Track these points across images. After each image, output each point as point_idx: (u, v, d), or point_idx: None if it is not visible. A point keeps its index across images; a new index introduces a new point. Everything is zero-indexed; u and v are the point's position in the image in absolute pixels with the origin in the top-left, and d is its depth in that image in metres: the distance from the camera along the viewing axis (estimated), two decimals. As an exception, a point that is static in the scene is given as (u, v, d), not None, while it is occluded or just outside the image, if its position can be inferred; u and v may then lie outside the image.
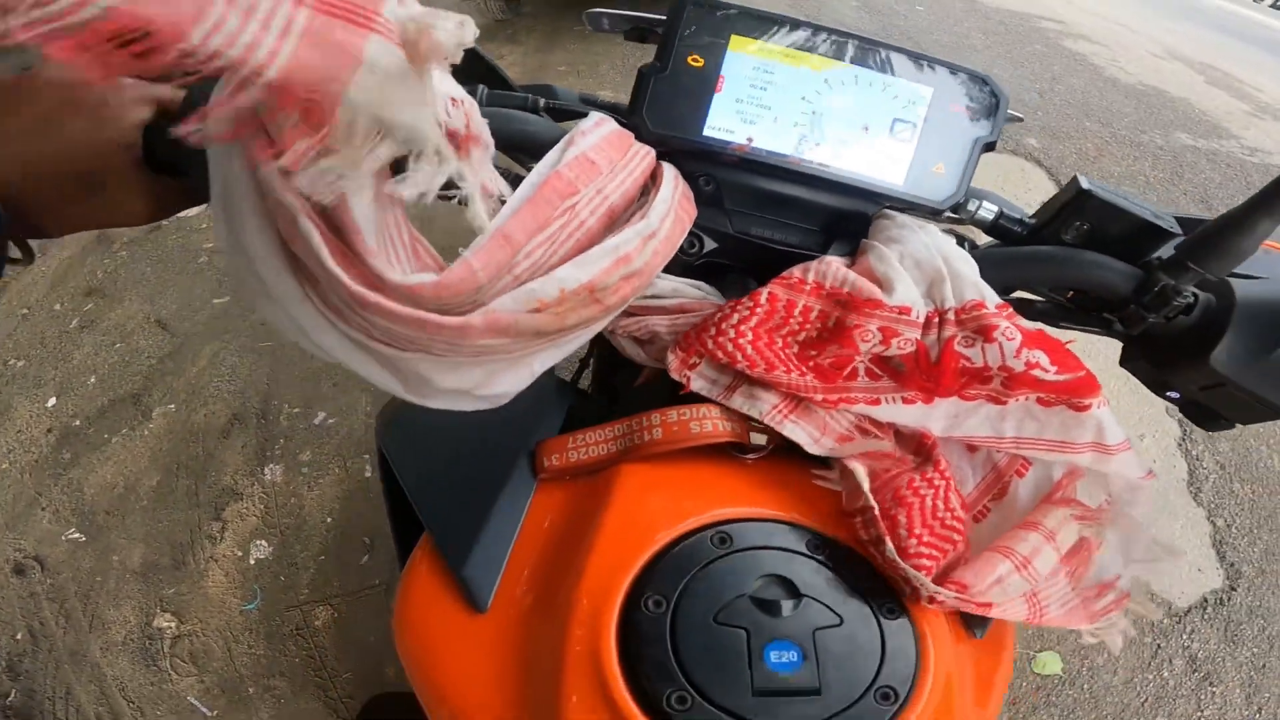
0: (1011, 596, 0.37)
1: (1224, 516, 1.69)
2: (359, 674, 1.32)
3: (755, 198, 0.47)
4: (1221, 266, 0.39)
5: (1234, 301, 0.40)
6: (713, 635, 0.32)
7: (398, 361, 0.33)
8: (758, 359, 0.39)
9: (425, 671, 0.36)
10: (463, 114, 0.30)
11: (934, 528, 0.37)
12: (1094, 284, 0.44)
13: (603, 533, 0.36)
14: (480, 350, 0.33)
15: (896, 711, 0.31)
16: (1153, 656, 1.42)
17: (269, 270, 0.30)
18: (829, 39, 0.43)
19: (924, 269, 0.39)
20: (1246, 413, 0.42)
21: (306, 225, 0.28)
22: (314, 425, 1.71)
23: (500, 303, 0.31)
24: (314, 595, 1.42)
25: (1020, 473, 0.42)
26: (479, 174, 0.31)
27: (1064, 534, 0.38)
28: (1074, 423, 0.38)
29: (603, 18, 0.53)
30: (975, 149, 0.45)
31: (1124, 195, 0.45)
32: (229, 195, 0.30)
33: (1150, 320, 0.42)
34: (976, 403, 0.39)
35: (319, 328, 0.32)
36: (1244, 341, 0.39)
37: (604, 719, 0.30)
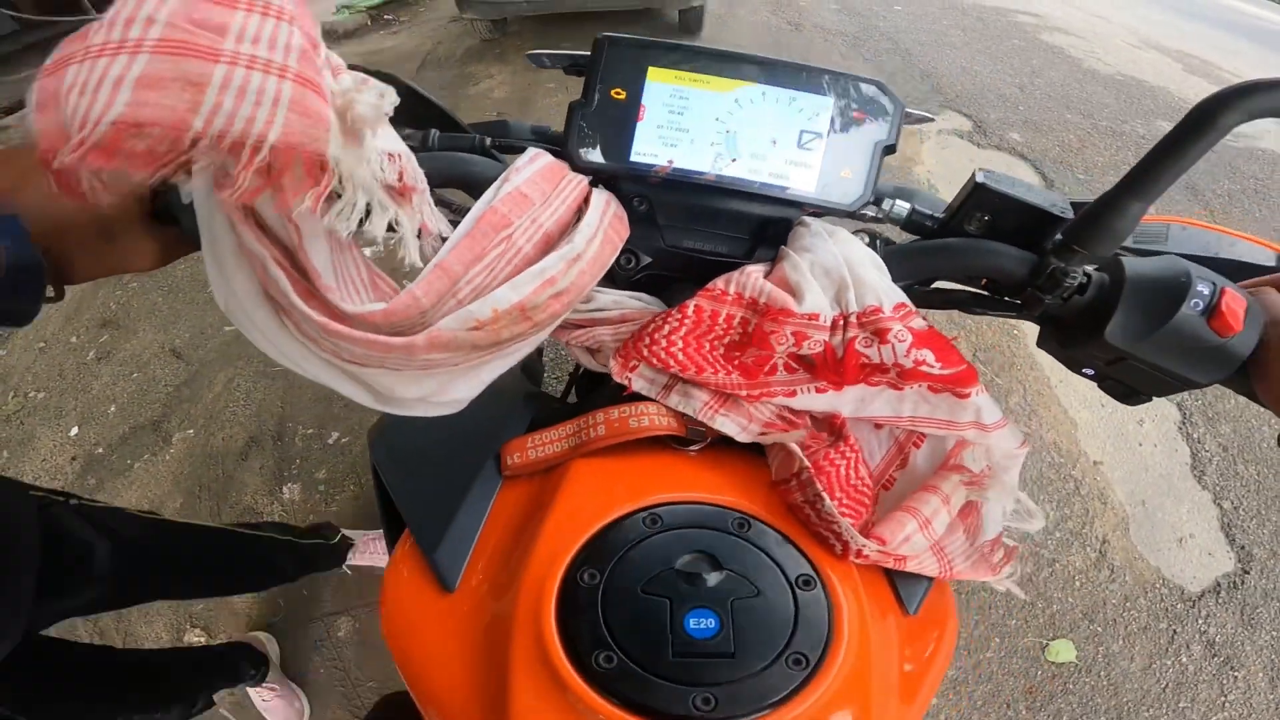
0: (918, 552, 0.41)
1: (1230, 499, 1.69)
2: (382, 683, 1.34)
3: (684, 213, 0.50)
4: (1103, 246, 0.41)
5: (1124, 278, 0.42)
6: (639, 604, 0.35)
7: (364, 376, 0.38)
8: (688, 363, 0.43)
9: (403, 645, 0.41)
10: (398, 167, 0.34)
11: (850, 492, 0.42)
12: (992, 271, 0.46)
13: (550, 519, 0.40)
14: (428, 363, 0.38)
15: (808, 676, 0.33)
16: (1169, 642, 1.42)
17: (252, 307, 0.36)
18: (735, 62, 0.46)
19: (831, 276, 0.43)
20: (1156, 385, 0.44)
21: (275, 270, 0.34)
22: (328, 445, 1.75)
23: (443, 323, 0.36)
24: (336, 607, 1.44)
25: (917, 444, 0.46)
26: (415, 218, 0.35)
27: (956, 497, 0.43)
28: (958, 406, 0.42)
29: (543, 57, 0.57)
30: (877, 152, 0.47)
31: (1019, 185, 0.47)
32: (215, 245, 0.35)
33: (1047, 301, 0.44)
34: (879, 389, 0.43)
35: (298, 353, 0.37)
36: (1135, 316, 0.41)
37: (544, 679, 0.33)
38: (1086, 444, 1.81)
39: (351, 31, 5.29)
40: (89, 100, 0.25)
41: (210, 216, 0.35)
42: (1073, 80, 4.29)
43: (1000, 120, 3.53)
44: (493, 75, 4.06)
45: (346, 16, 5.46)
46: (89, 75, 0.25)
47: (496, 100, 3.72)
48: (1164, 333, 0.40)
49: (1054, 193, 0.47)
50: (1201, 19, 7.14)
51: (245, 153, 0.27)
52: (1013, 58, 4.62)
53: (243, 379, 1.93)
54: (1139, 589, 1.52)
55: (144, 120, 0.25)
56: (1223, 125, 0.34)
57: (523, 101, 3.63)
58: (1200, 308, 0.39)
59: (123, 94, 0.25)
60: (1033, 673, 1.37)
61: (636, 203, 0.49)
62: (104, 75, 0.25)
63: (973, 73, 4.21)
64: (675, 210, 0.50)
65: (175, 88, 0.25)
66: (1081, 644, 1.41)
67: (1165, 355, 0.41)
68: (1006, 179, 0.47)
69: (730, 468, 0.45)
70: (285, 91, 0.27)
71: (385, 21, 5.59)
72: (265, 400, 1.87)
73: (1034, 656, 1.39)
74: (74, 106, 0.25)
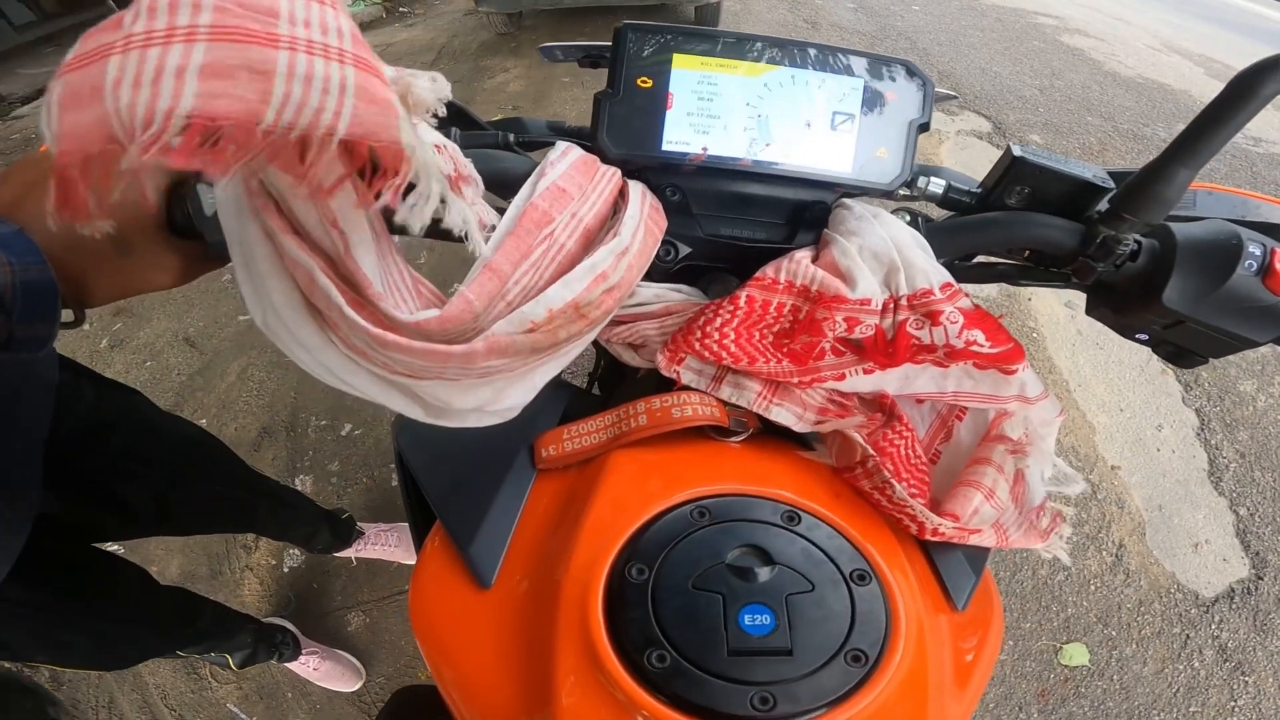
0: (985, 524, 0.41)
1: (1247, 506, 1.69)
2: (391, 677, 1.35)
3: (720, 201, 0.49)
4: (1152, 213, 0.41)
5: (1175, 244, 0.42)
6: (690, 599, 0.34)
7: (417, 390, 0.36)
8: (740, 354, 0.42)
9: (436, 645, 0.39)
10: (449, 158, 0.33)
11: (913, 471, 0.41)
12: (1040, 242, 0.46)
13: (593, 512, 0.39)
14: (486, 370, 0.36)
15: (867, 674, 0.33)
16: (1182, 647, 1.42)
17: (295, 322, 0.33)
18: (763, 46, 0.46)
19: (880, 260, 0.42)
20: (1213, 346, 0.44)
21: (324, 280, 0.31)
22: (340, 436, 1.75)
23: (498, 327, 0.35)
24: (346, 602, 1.45)
25: (959, 417, 0.47)
26: (473, 209, 0.34)
27: (1007, 467, 0.43)
28: (1003, 382, 0.43)
29: (555, 50, 0.56)
30: (912, 131, 0.48)
31: (1056, 158, 0.47)
32: (250, 259, 0.33)
33: (1100, 270, 0.45)
34: (923, 366, 0.43)
35: (346, 368, 0.35)
36: (1192, 279, 0.41)
37: (592, 678, 0.32)
38: (1104, 449, 1.79)
39: (367, 23, 5.32)
40: (149, 94, 0.22)
41: (242, 228, 0.33)
42: (1093, 83, 4.26)
43: (1020, 122, 3.50)
44: (508, 69, 4.05)
45: (362, 8, 5.49)
46: (140, 67, 0.22)
47: (512, 94, 3.72)
48: (1221, 294, 0.41)
49: (1090, 164, 0.47)
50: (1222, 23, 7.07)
51: (314, 146, 0.25)
52: (1033, 59, 4.59)
53: (256, 369, 1.93)
54: (1153, 594, 1.51)
55: (219, 113, 0.23)
56: (1264, 94, 0.35)
57: (539, 95, 3.63)
58: (1255, 268, 0.40)
59: (189, 84, 0.22)
60: (1045, 676, 1.37)
61: (670, 193, 0.48)
62: (161, 65, 0.22)
63: (992, 74, 4.18)
64: (710, 198, 0.49)
65: (244, 77, 0.23)
66: (1095, 647, 1.41)
67: (1223, 316, 0.42)
68: (1043, 152, 0.47)
69: (774, 458, 0.45)
70: (350, 77, 0.25)
71: (400, 14, 5.61)
72: (279, 391, 1.87)
73: (1047, 660, 1.39)
74: (129, 101, 0.22)
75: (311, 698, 1.33)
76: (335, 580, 1.48)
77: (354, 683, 1.32)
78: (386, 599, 1.45)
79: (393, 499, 1.61)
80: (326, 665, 1.31)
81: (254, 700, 1.34)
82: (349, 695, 1.32)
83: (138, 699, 1.34)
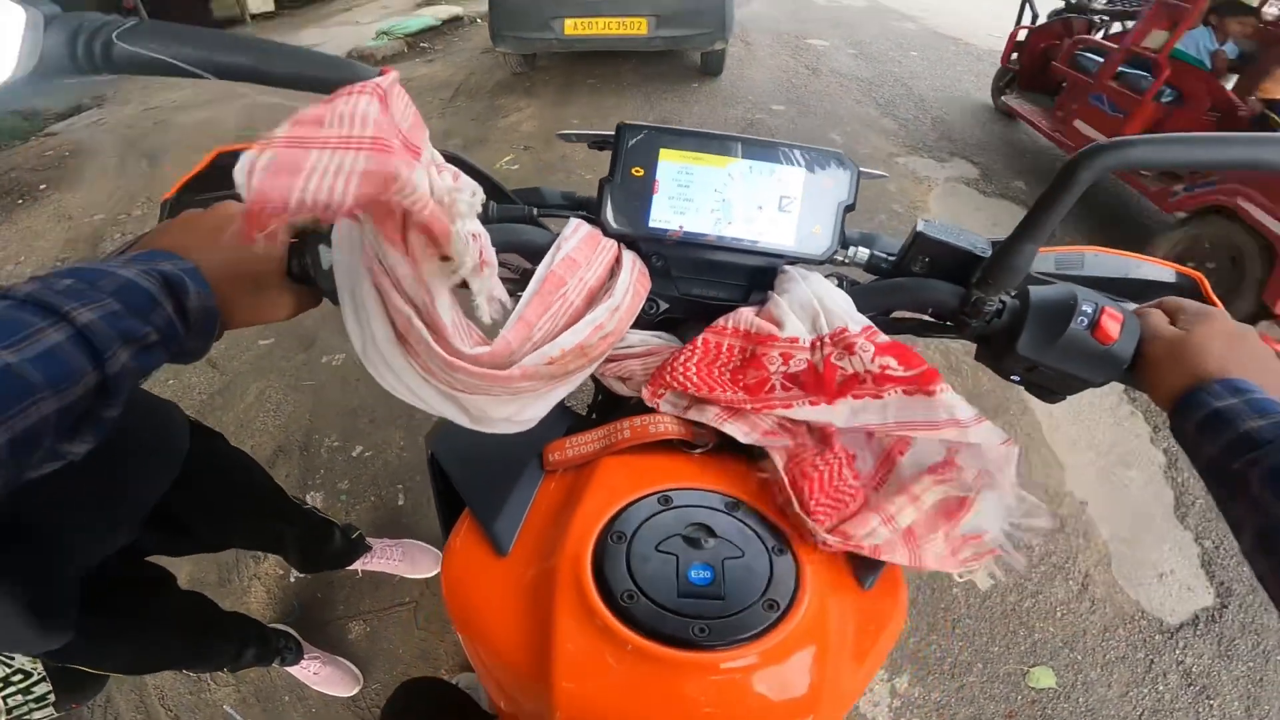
0: (881, 542, 0.49)
1: (1212, 539, 1.75)
2: (387, 685, 1.41)
3: (693, 266, 0.61)
4: (1008, 280, 0.51)
5: (1029, 304, 0.52)
6: (654, 559, 0.45)
7: (466, 402, 0.48)
8: (702, 385, 0.54)
9: (462, 600, 0.50)
10: (479, 246, 0.45)
11: (829, 493, 0.50)
12: (930, 302, 0.57)
13: (586, 499, 0.50)
14: (517, 390, 0.48)
15: (779, 618, 0.43)
16: (1146, 671, 1.47)
17: (389, 352, 0.45)
18: (727, 142, 0.57)
19: (806, 310, 0.54)
20: (1064, 385, 0.54)
21: (418, 323, 0.44)
22: (351, 457, 1.85)
23: (527, 360, 0.47)
24: (349, 611, 1.52)
25: (901, 452, 0.54)
26: (488, 286, 0.46)
27: (927, 496, 0.51)
28: (930, 405, 0.50)
29: (571, 135, 0.68)
30: (839, 211, 0.58)
31: (951, 231, 0.57)
32: (359, 305, 0.45)
33: (974, 324, 0.55)
34: (864, 401, 0.52)
35: (420, 385, 0.47)
36: (1039, 332, 0.51)
37: (582, 614, 0.43)
38: (1073, 485, 1.87)
39: (389, 57, 5.50)
40: (328, 185, 0.32)
41: (355, 282, 0.45)
42: None
43: (1007, 168, 3.60)
44: (521, 109, 4.20)
45: (385, 43, 5.68)
46: (327, 164, 0.32)
47: (524, 134, 3.85)
48: (1060, 344, 0.50)
49: (979, 236, 0.58)
50: None
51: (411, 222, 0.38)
52: (1024, 105, 4.72)
53: (274, 391, 2.04)
54: (1118, 620, 1.57)
55: (363, 201, 0.34)
56: (1082, 180, 0.44)
57: (548, 138, 3.78)
58: (1085, 323, 0.49)
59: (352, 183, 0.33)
60: (1013, 698, 1.43)
61: (655, 260, 0.60)
62: (339, 166, 0.33)
63: (983, 120, 4.31)
64: (685, 264, 0.61)
65: (378, 179, 0.34)
66: (1061, 671, 1.47)
67: (1065, 361, 0.51)
68: (943, 227, 0.58)
69: (725, 466, 0.56)
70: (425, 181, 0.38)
71: (421, 49, 5.81)
72: (294, 413, 1.98)
73: (1015, 682, 1.45)
74: (315, 186, 0.32)
75: (308, 702, 1.38)
76: (339, 591, 1.55)
77: (351, 688, 1.39)
78: (387, 610, 1.51)
79: (398, 517, 1.70)
80: (326, 670, 1.37)
81: (250, 703, 1.38)
82: (345, 700, 1.38)
83: (134, 698, 1.38)
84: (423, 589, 1.55)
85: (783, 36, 5.94)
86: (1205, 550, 1.73)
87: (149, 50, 0.36)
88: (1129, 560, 1.69)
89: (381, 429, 1.92)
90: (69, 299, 0.31)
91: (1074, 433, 2.03)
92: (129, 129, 4.17)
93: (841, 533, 0.49)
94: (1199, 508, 1.83)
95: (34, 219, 3.16)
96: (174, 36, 0.37)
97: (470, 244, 0.43)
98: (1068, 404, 2.04)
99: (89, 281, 0.33)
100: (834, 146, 2.60)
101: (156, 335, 0.35)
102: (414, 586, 1.55)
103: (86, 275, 0.33)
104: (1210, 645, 1.52)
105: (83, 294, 0.32)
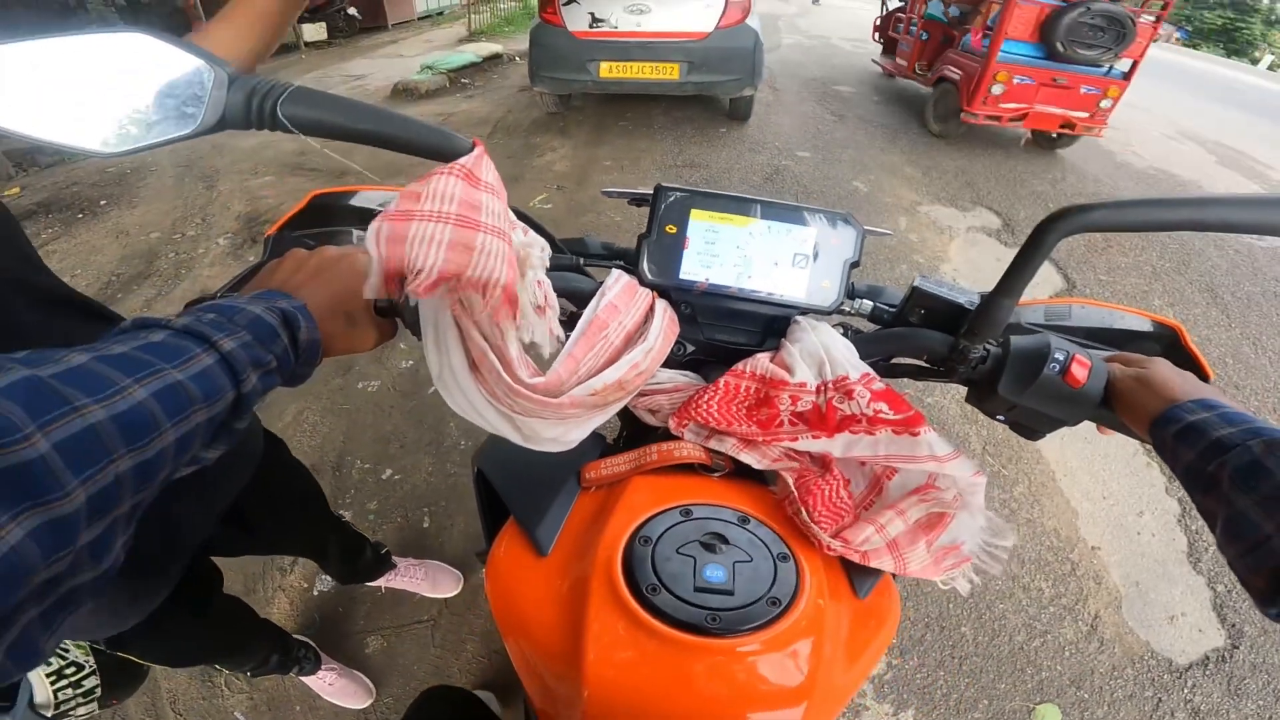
0: (873, 549, 0.56)
1: (1224, 583, 1.75)
2: (400, 699, 1.44)
3: (716, 314, 0.68)
4: (989, 331, 0.58)
5: (1010, 351, 0.58)
6: (675, 559, 0.52)
7: (521, 423, 0.54)
8: (722, 419, 0.61)
9: (504, 596, 0.56)
10: (542, 292, 0.53)
11: (830, 507, 0.58)
12: (923, 350, 0.63)
13: (618, 510, 0.56)
14: (564, 416, 0.55)
15: (780, 613, 0.49)
16: (1154, 709, 1.47)
17: (463, 378, 0.52)
18: (749, 205, 0.64)
19: (814, 358, 0.61)
20: (1042, 423, 0.60)
21: (491, 356, 0.50)
22: (381, 480, 1.91)
23: (575, 391, 0.54)
24: (368, 626, 1.55)
25: (889, 476, 0.61)
26: (548, 326, 0.54)
27: (912, 512, 0.58)
28: (914, 444, 0.56)
29: (614, 192, 0.77)
30: (846, 267, 0.65)
31: (944, 285, 0.64)
32: (441, 338, 0.51)
33: (961, 370, 0.61)
34: (859, 436, 0.58)
35: (485, 407, 0.53)
36: (1017, 376, 0.57)
37: (613, 605, 0.49)
38: (1086, 531, 1.88)
39: (433, 91, 5.74)
40: (424, 252, 0.41)
41: (438, 318, 0.51)
42: (1105, 175, 4.34)
43: (1030, 218, 3.61)
44: (555, 149, 4.32)
45: (429, 77, 5.92)
46: (423, 233, 0.41)
47: (558, 174, 3.95)
48: (1035, 387, 0.56)
49: (970, 290, 0.64)
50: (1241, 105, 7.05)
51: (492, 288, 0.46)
52: (1048, 154, 4.71)
53: (311, 413, 2.12)
54: (1127, 660, 1.57)
55: (448, 272, 0.42)
56: (1048, 243, 0.50)
57: (582, 177, 3.88)
58: (1057, 369, 0.55)
59: (441, 252, 0.42)
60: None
61: (683, 308, 0.67)
62: (432, 237, 0.42)
63: (1007, 168, 4.34)
64: (710, 312, 0.68)
65: (461, 249, 0.43)
66: (1068, 709, 1.47)
67: (1040, 402, 0.57)
68: (939, 282, 0.65)
69: (739, 488, 0.63)
70: (504, 251, 0.46)
71: (462, 85, 6.05)
72: (330, 434, 2.05)
73: (1021, 719, 1.45)
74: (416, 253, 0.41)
75: (319, 712, 1.40)
76: (360, 606, 1.59)
77: (364, 701, 1.41)
78: (406, 627, 1.55)
79: (422, 538, 1.75)
80: (341, 682, 1.40)
81: (262, 710, 1.40)
82: (356, 713, 1.40)
83: (146, 701, 1.40)
84: (441, 608, 1.59)
85: (810, 83, 6.11)
86: (1218, 594, 1.72)
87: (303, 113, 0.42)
88: (1140, 603, 1.70)
89: (411, 454, 1.99)
90: (215, 330, 0.38)
91: (1087, 482, 2.05)
92: (188, 150, 4.29)
93: (843, 539, 0.56)
94: (1212, 553, 1.82)
95: (92, 233, 3.28)
96: (325, 103, 0.43)
97: (536, 290, 0.52)
98: (1083, 454, 2.12)
99: (227, 316, 0.39)
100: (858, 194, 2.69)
101: (275, 362, 0.41)
102: (433, 605, 1.59)
103: (225, 311, 0.40)
104: (1220, 685, 1.52)
105: (224, 326, 0.38)
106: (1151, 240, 3.47)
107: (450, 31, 8.92)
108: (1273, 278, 3.28)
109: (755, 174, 3.96)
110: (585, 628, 0.49)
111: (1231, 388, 2.52)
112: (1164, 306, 2.97)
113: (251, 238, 3.19)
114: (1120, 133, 5.34)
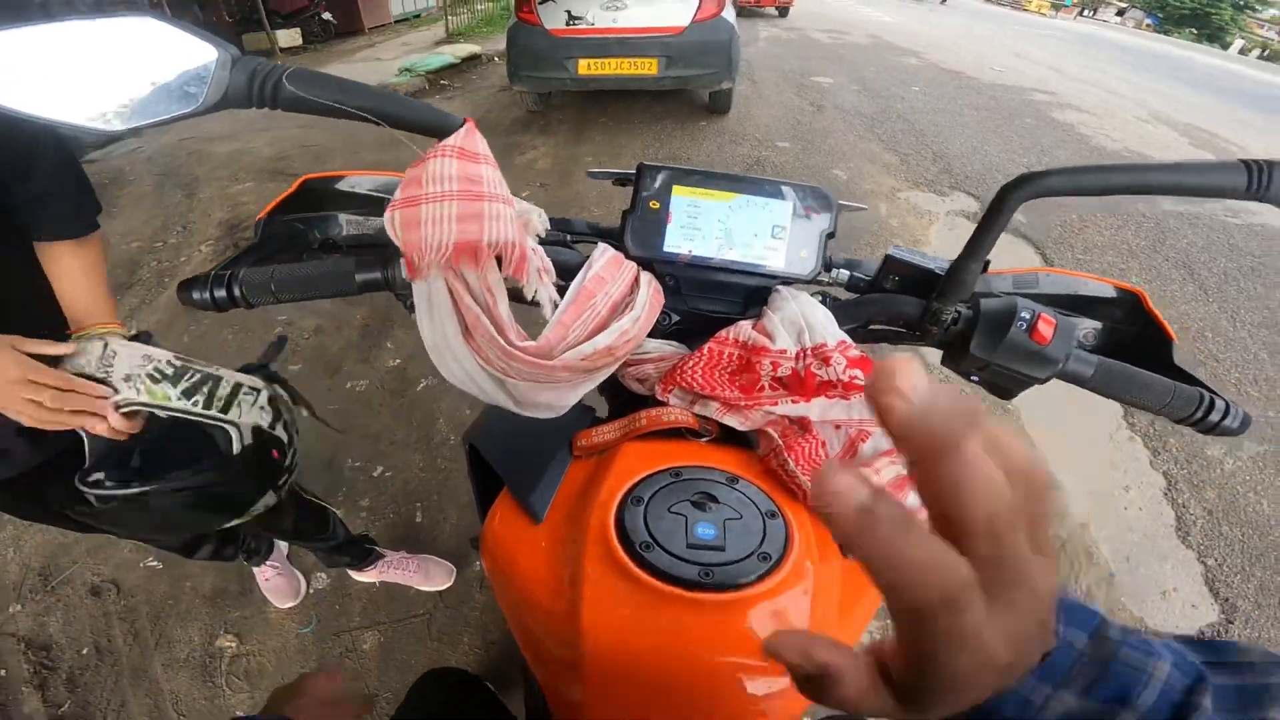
0: None
1: (1214, 557, 1.78)
2: (399, 693, 1.42)
3: (700, 285, 0.70)
4: (958, 294, 0.60)
5: (980, 312, 0.61)
6: (667, 518, 0.53)
7: (513, 388, 0.57)
8: (706, 385, 0.63)
9: (501, 562, 0.57)
10: (541, 258, 0.55)
11: (810, 462, 0.59)
12: (899, 315, 0.65)
13: (610, 474, 0.57)
14: (556, 380, 0.57)
15: (770, 568, 0.50)
16: None
17: (456, 344, 0.54)
18: (729, 180, 0.66)
19: (794, 325, 0.62)
20: (1013, 382, 0.61)
21: (485, 320, 0.53)
22: (372, 477, 1.92)
23: (565, 356, 0.56)
24: (364, 622, 1.56)
25: (863, 439, 0.63)
26: (547, 289, 0.57)
27: (885, 472, 0.60)
28: None
29: (599, 173, 0.79)
30: (822, 238, 0.67)
31: (917, 254, 0.67)
32: (434, 306, 0.53)
33: (935, 332, 0.63)
34: (834, 401, 0.61)
35: (477, 372, 0.55)
36: (987, 336, 0.59)
37: (608, 563, 0.50)
38: (1073, 507, 1.91)
39: (411, 94, 5.64)
40: (439, 230, 0.45)
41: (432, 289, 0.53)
42: (1079, 158, 4.43)
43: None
44: (536, 147, 4.34)
45: (408, 79, 5.90)
46: (431, 213, 0.45)
47: (540, 171, 3.98)
48: (1005, 345, 0.59)
49: (940, 257, 0.66)
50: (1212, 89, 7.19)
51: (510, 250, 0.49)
52: (1023, 137, 4.80)
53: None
54: None
55: (465, 242, 0.45)
56: (1009, 207, 0.52)
57: (564, 175, 3.90)
58: (1024, 327, 0.58)
59: (453, 226, 0.45)
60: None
61: (668, 280, 0.69)
62: (443, 215, 0.45)
63: (983, 153, 4.40)
64: (693, 284, 0.70)
65: (472, 220, 0.45)
66: None
67: (1010, 359, 0.59)
68: (910, 251, 0.68)
69: (726, 452, 0.64)
70: (511, 214, 0.48)
71: (442, 86, 6.02)
72: (321, 433, 2.00)
73: None
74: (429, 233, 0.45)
75: None
76: (356, 602, 1.61)
77: (290, 600, 1.54)
78: (402, 622, 1.57)
79: (415, 533, 1.76)
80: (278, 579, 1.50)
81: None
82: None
83: (149, 703, 1.42)
84: (436, 601, 1.60)
85: (788, 75, 6.13)
86: (1208, 568, 1.75)
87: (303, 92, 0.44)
88: (1131, 579, 1.73)
89: (401, 451, 2.00)
90: None
91: (1072, 457, 2.08)
92: (166, 158, 4.29)
93: None
94: (1201, 527, 1.86)
95: (74, 247, 3.29)
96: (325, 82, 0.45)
97: (534, 255, 0.54)
98: (1066, 428, 2.14)
99: None
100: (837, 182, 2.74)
101: None
102: (428, 599, 1.61)
103: None
104: (1213, 662, 1.55)
105: None
106: (1128, 219, 3.53)
107: (428, 34, 8.84)
108: (1248, 253, 3.34)
109: (736, 165, 3.99)
110: (581, 587, 0.50)
111: (1211, 360, 2.57)
112: (1141, 283, 3.00)
113: (234, 244, 3.16)
114: (1094, 117, 5.43)
